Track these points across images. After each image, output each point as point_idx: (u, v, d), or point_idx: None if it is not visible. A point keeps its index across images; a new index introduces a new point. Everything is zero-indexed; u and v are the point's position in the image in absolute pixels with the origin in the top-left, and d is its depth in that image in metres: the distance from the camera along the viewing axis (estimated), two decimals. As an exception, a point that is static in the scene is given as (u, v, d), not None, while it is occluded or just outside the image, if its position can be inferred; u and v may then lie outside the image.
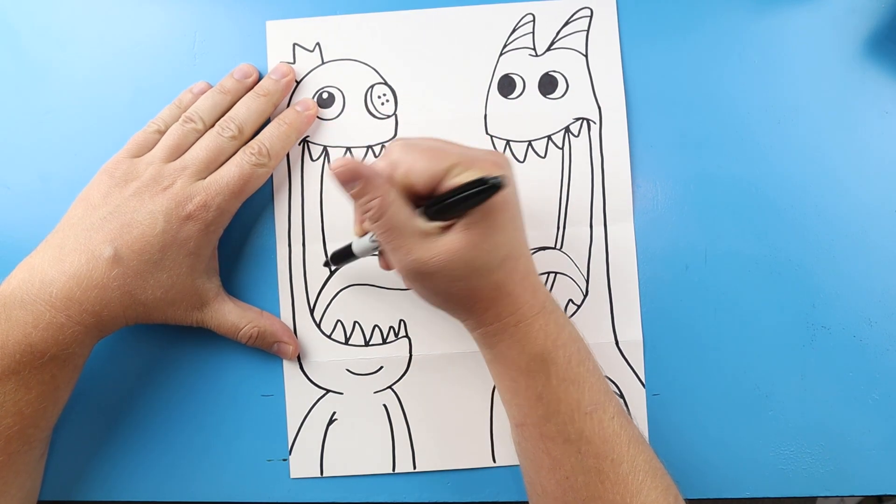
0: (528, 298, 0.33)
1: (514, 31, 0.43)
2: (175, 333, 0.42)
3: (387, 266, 0.38)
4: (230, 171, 0.38)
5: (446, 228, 0.32)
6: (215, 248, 0.40)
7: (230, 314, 0.39)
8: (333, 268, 0.42)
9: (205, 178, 0.38)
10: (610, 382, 0.41)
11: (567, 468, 0.32)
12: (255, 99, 0.41)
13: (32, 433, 0.35)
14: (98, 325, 0.36)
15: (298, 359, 0.42)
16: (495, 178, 0.28)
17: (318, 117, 0.43)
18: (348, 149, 0.42)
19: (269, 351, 0.41)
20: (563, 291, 0.42)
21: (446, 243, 0.31)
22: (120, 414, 0.42)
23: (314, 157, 0.43)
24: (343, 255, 0.39)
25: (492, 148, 0.42)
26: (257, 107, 0.41)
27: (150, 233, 0.36)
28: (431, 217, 0.32)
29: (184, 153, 0.39)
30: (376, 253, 0.37)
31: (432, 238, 0.32)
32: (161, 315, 0.38)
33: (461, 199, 0.30)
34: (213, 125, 0.40)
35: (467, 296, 0.33)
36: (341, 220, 0.42)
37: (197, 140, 0.39)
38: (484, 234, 0.31)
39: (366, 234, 0.36)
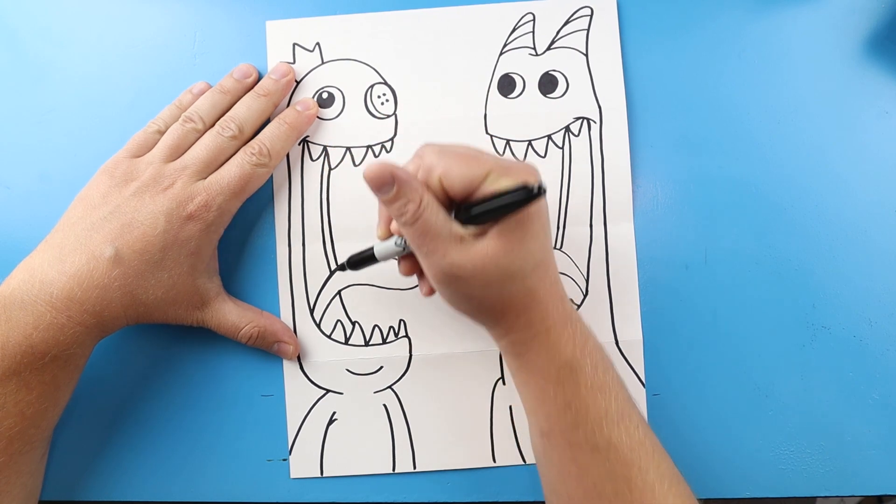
0: (557, 305, 0.33)
1: (514, 30, 0.43)
2: (175, 333, 0.42)
3: (407, 271, 0.37)
4: (231, 171, 0.38)
5: (480, 234, 0.32)
6: (216, 248, 0.40)
7: (230, 314, 0.39)
8: (350, 271, 0.40)
9: (205, 178, 0.38)
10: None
11: (595, 476, 0.32)
12: (256, 99, 0.41)
13: (34, 433, 0.35)
14: (99, 326, 0.36)
15: (298, 359, 0.42)
16: (538, 185, 0.28)
17: (318, 117, 0.43)
18: (348, 149, 0.42)
19: (270, 351, 0.41)
20: (563, 291, 0.42)
21: (482, 248, 0.31)
22: (120, 414, 0.42)
23: (314, 157, 0.43)
24: (363, 260, 0.38)
25: (492, 148, 0.42)
26: (257, 107, 0.41)
27: (151, 233, 0.36)
28: (465, 222, 0.32)
29: (184, 153, 0.39)
30: (397, 258, 0.37)
31: (467, 242, 0.31)
32: (162, 315, 0.38)
33: (501, 206, 0.30)
34: (213, 125, 0.40)
35: (500, 301, 0.33)
36: (341, 220, 0.42)
37: (197, 140, 0.39)
38: (519, 240, 0.31)
39: (390, 237, 0.36)
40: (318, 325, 0.42)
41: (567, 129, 0.42)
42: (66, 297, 0.34)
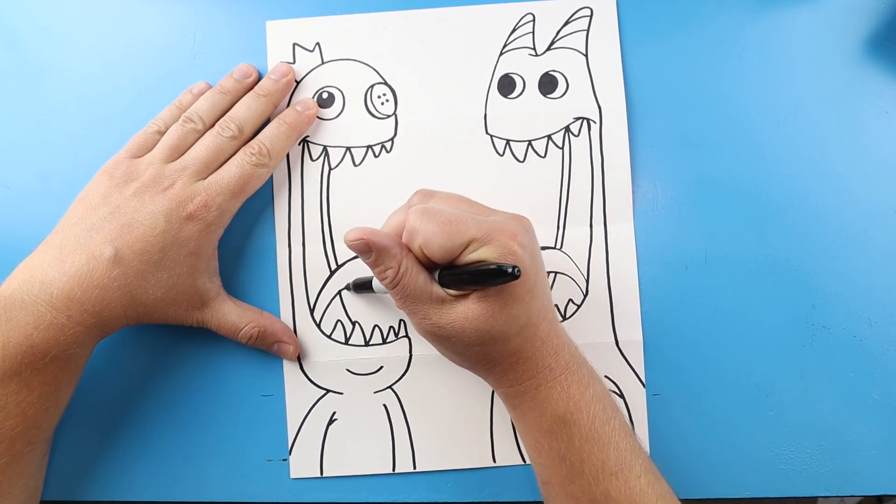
0: (548, 362, 0.33)
1: (513, 30, 0.43)
2: (175, 333, 0.42)
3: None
4: (231, 171, 0.38)
5: (462, 297, 0.32)
6: (216, 249, 0.40)
7: (230, 314, 0.39)
8: (354, 293, 0.42)
9: (205, 178, 0.38)
10: (610, 382, 0.41)
11: None
12: (255, 99, 0.41)
13: (35, 434, 0.36)
14: (99, 326, 0.36)
15: (298, 359, 0.42)
16: (512, 267, 0.28)
17: (317, 117, 0.43)
18: (348, 149, 0.42)
19: (270, 351, 0.41)
20: (563, 291, 0.42)
21: (462, 311, 0.31)
22: (120, 414, 0.42)
23: (314, 157, 0.43)
24: (364, 286, 0.39)
25: (492, 148, 0.42)
26: (257, 107, 0.41)
27: (150, 233, 0.36)
28: (446, 285, 0.32)
29: (184, 153, 0.39)
30: None
31: (448, 304, 0.32)
32: (161, 315, 0.38)
33: (478, 279, 0.30)
34: (212, 125, 0.40)
35: (484, 360, 0.33)
36: (341, 220, 0.42)
37: (197, 140, 0.39)
38: (500, 305, 0.31)
39: None
40: (318, 325, 0.42)
41: (567, 129, 0.42)
42: (66, 298, 0.34)
